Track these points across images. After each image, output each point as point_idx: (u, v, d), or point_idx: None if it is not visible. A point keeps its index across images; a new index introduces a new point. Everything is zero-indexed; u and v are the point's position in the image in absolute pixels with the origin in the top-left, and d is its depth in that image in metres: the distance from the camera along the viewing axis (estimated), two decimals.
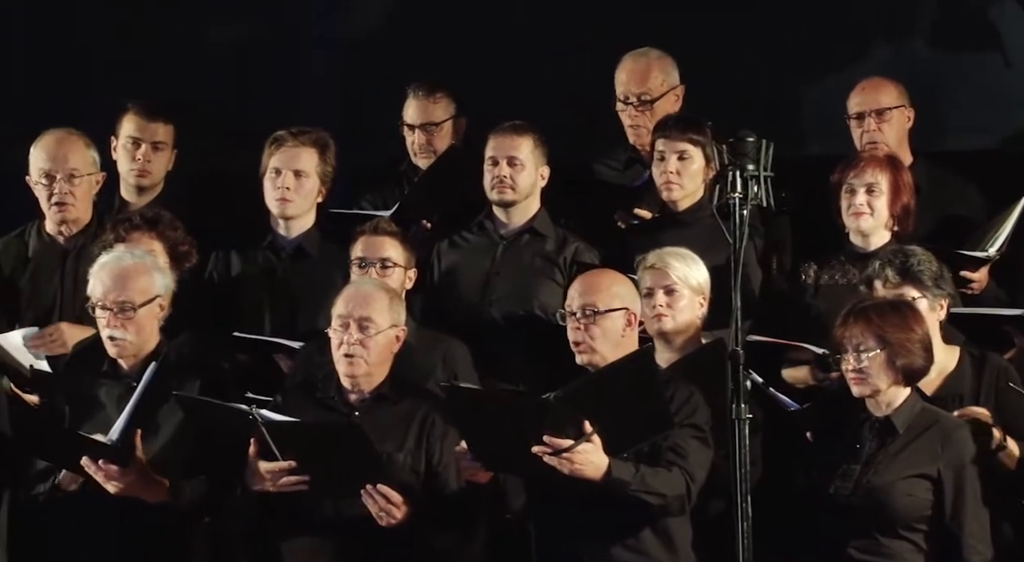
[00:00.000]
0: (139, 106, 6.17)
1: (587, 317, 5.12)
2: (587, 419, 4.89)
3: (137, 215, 5.71)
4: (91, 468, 5.07)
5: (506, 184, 5.92)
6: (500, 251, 5.96)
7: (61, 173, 5.84)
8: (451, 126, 6.38)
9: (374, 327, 5.18)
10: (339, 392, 5.24)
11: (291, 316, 5.84)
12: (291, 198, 5.86)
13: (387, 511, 5.02)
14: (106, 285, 5.26)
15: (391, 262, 5.60)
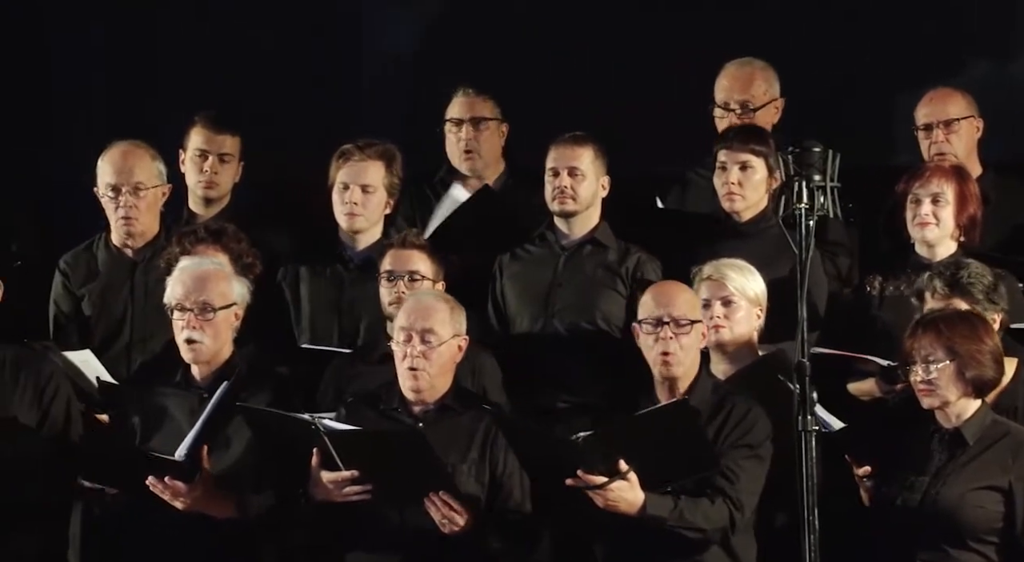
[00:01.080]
0: (206, 118, 6.16)
1: (680, 327, 5.10)
2: (622, 457, 4.87)
3: (202, 227, 5.72)
4: (157, 487, 5.06)
5: (567, 195, 5.87)
6: (562, 262, 5.90)
7: (127, 186, 5.83)
8: (496, 127, 6.32)
9: (436, 338, 5.14)
10: (403, 403, 5.20)
11: (358, 328, 5.81)
12: (359, 212, 5.84)
13: (450, 518, 4.98)
14: (187, 286, 5.24)
15: (419, 275, 5.56)
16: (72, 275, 5.98)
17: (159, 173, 5.94)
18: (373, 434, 5.10)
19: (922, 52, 6.81)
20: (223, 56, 7.11)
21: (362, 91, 7.16)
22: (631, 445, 4.89)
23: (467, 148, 6.31)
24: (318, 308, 5.87)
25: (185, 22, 7.20)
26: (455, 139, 6.34)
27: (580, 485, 4.88)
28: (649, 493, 4.92)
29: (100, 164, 5.91)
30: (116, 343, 5.86)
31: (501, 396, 5.52)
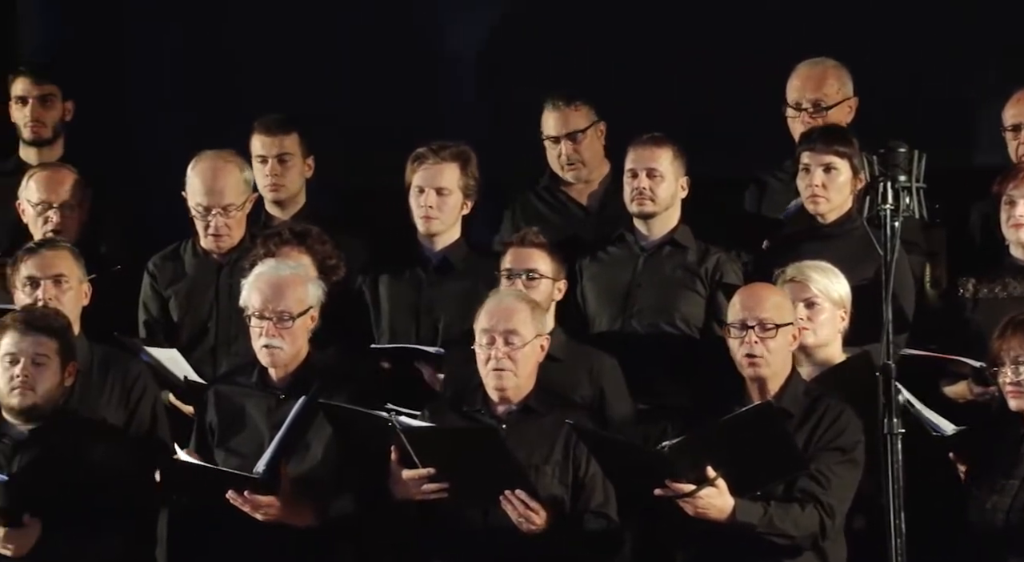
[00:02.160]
0: (260, 124, 6.15)
1: (766, 331, 5.03)
2: (709, 464, 4.81)
3: (286, 229, 5.70)
4: (237, 500, 5.06)
5: (646, 196, 5.81)
6: (641, 263, 5.85)
7: (217, 208, 5.84)
8: (595, 133, 6.28)
9: (519, 339, 5.11)
10: (486, 405, 5.17)
11: (437, 329, 5.78)
12: (435, 215, 5.81)
13: (527, 518, 4.94)
14: (264, 295, 5.24)
15: (538, 273, 5.52)
16: (160, 277, 5.99)
17: (247, 185, 5.94)
18: (447, 431, 5.06)
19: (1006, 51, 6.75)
20: (299, 59, 7.12)
21: (440, 93, 7.13)
22: (717, 451, 4.82)
23: (570, 162, 6.27)
24: (397, 310, 5.84)
25: (261, 24, 7.22)
26: (555, 153, 6.30)
27: (669, 495, 4.82)
28: (739, 499, 4.84)
29: (190, 177, 5.91)
30: (202, 344, 5.87)
31: (623, 398, 5.49)
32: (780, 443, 4.86)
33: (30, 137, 6.54)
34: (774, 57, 6.49)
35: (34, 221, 6.07)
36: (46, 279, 5.53)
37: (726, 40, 6.89)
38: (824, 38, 6.61)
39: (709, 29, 6.92)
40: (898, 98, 6.64)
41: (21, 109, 6.54)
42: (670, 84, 6.86)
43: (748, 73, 6.71)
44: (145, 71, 7.30)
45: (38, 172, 6.15)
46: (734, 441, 4.83)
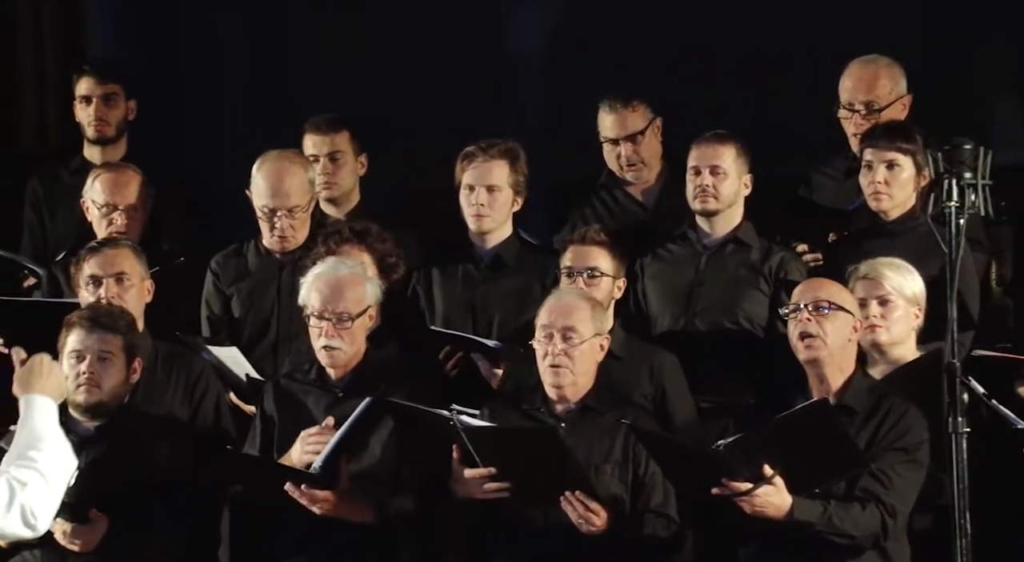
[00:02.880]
0: (311, 123, 6.15)
1: (819, 311, 4.98)
2: (766, 462, 4.77)
3: (347, 228, 5.70)
4: (295, 493, 5.06)
5: (708, 193, 5.77)
6: (704, 261, 5.81)
7: (282, 209, 5.85)
8: (653, 133, 6.23)
9: (578, 337, 5.09)
10: (545, 403, 5.14)
11: (491, 326, 5.77)
12: (486, 213, 5.80)
13: (586, 519, 4.92)
14: (324, 296, 5.25)
15: (599, 272, 5.50)
16: (223, 275, 6.00)
17: (311, 185, 5.94)
18: (508, 431, 5.05)
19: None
20: (358, 58, 7.14)
21: (495, 92, 7.13)
22: (774, 449, 4.78)
23: (630, 163, 6.24)
24: (452, 308, 5.83)
25: (322, 24, 7.23)
26: (614, 154, 6.26)
27: (726, 493, 4.78)
28: (797, 498, 4.80)
29: (255, 178, 5.91)
30: (263, 342, 5.87)
31: (685, 396, 5.45)
32: (838, 441, 4.80)
33: (94, 136, 6.56)
34: (827, 53, 6.43)
35: (98, 222, 6.09)
36: (108, 277, 5.55)
37: (779, 36, 6.85)
38: (878, 33, 6.54)
39: (764, 25, 6.88)
40: (958, 94, 6.58)
41: (85, 108, 6.57)
42: (725, 79, 6.82)
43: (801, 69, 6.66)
44: (207, 70, 7.32)
45: (103, 173, 6.17)
46: (790, 439, 4.78)
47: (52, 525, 4.97)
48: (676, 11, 6.95)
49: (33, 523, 3.51)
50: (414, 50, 7.13)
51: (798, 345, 5.02)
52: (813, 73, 6.42)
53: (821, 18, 6.78)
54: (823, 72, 6.29)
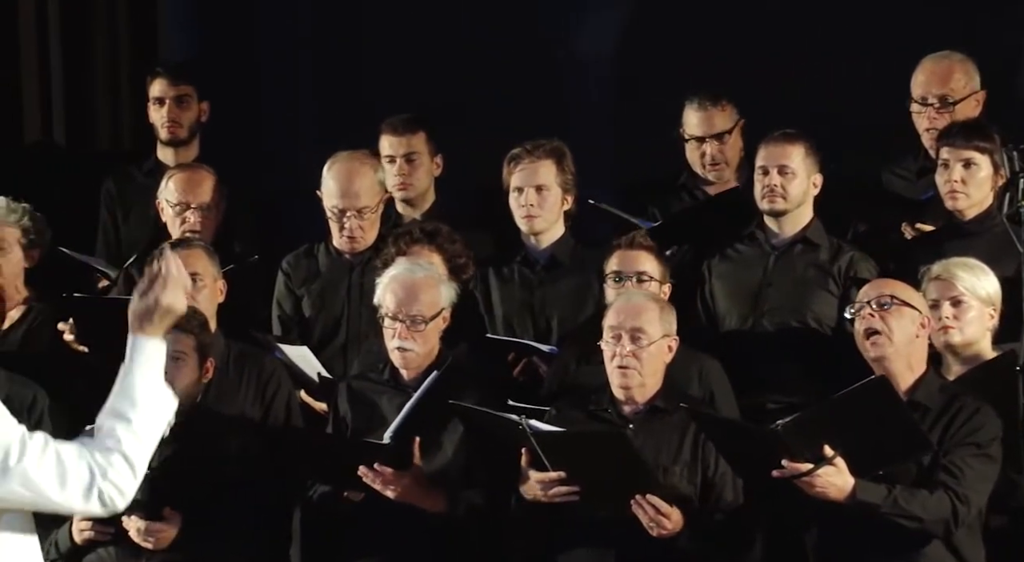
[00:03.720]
0: (387, 125, 6.15)
1: (882, 307, 4.93)
2: (826, 443, 4.71)
3: (417, 229, 5.71)
4: (368, 477, 5.07)
5: (777, 193, 5.72)
6: (772, 262, 5.76)
7: (352, 210, 5.86)
8: (738, 132, 6.19)
9: (646, 338, 5.07)
10: (613, 404, 5.12)
11: (551, 326, 5.77)
12: (536, 214, 5.79)
13: (657, 522, 4.90)
14: (398, 297, 5.26)
15: (647, 276, 5.47)
16: (294, 275, 6.02)
17: (381, 186, 5.95)
18: (577, 435, 5.02)
19: None
20: (429, 59, 7.13)
21: (566, 93, 7.11)
22: (834, 430, 4.70)
23: (714, 162, 6.20)
24: (511, 310, 5.82)
25: (392, 25, 7.24)
26: (698, 152, 6.23)
27: (787, 475, 4.73)
28: (860, 479, 4.72)
29: (325, 179, 5.93)
30: (333, 342, 5.88)
31: (731, 401, 5.40)
32: (899, 421, 4.71)
33: (167, 137, 6.59)
34: (898, 51, 6.37)
35: (172, 221, 6.12)
36: None
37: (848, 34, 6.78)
38: (950, 31, 6.45)
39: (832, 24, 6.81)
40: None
41: (158, 110, 6.59)
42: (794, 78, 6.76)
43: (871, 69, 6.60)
44: (278, 70, 7.35)
45: (177, 173, 6.20)
46: (849, 418, 4.71)
47: (127, 522, 5.06)
48: (744, 11, 6.90)
49: (112, 506, 3.51)
50: (485, 50, 7.12)
51: (864, 344, 4.97)
52: (884, 72, 6.36)
53: (891, 15, 6.71)
54: (894, 71, 6.23)
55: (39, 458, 3.45)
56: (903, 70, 6.17)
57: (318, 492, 5.30)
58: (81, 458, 3.48)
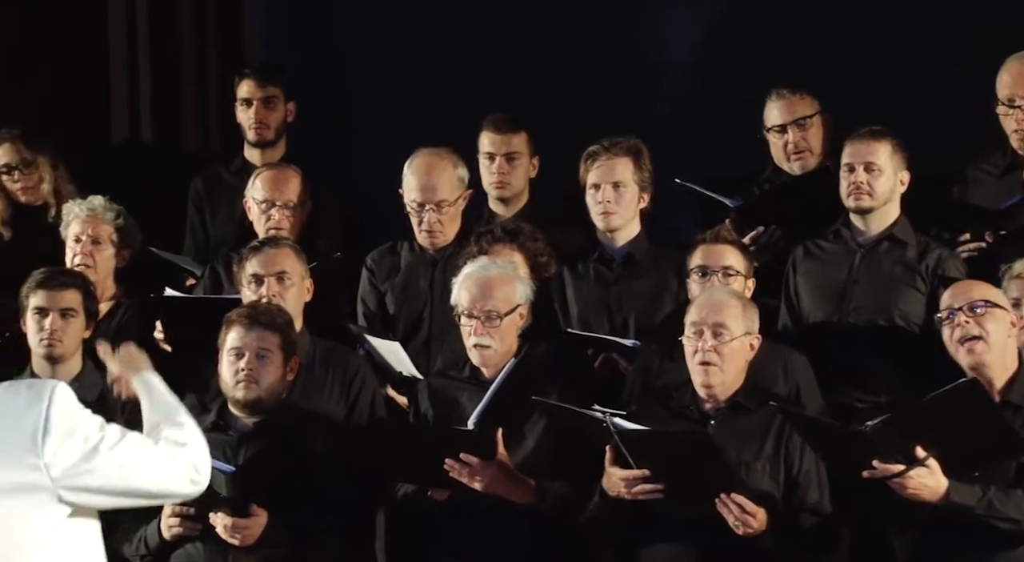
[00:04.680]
0: (490, 121, 6.14)
1: (974, 312, 4.86)
2: (918, 444, 4.65)
3: (499, 227, 5.71)
4: (454, 470, 5.06)
5: (863, 191, 5.65)
6: (858, 259, 5.69)
7: (430, 204, 5.87)
8: (820, 121, 6.13)
9: (729, 334, 5.01)
10: (694, 401, 5.08)
11: (628, 325, 5.73)
12: (613, 210, 5.76)
13: (743, 521, 4.86)
14: (473, 294, 5.27)
15: (733, 270, 5.42)
16: (377, 271, 6.04)
17: (460, 182, 5.95)
18: (661, 435, 4.98)
19: None
20: (513, 58, 7.13)
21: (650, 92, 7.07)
22: (926, 431, 4.64)
23: (796, 149, 6.14)
24: (587, 308, 5.79)
25: (476, 24, 7.24)
26: (780, 143, 6.17)
27: (878, 476, 4.67)
28: (953, 481, 4.66)
29: (406, 174, 5.94)
30: (416, 338, 5.89)
31: (816, 397, 5.34)
32: (992, 422, 4.64)
33: (254, 139, 6.62)
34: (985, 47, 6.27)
35: (258, 219, 6.16)
36: (269, 276, 5.59)
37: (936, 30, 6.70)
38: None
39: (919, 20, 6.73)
40: None
41: (246, 111, 6.62)
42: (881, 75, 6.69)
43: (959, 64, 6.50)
44: (363, 69, 7.36)
45: (264, 171, 6.24)
46: (941, 420, 4.64)
47: (214, 519, 5.09)
48: (831, 7, 6.83)
49: (197, 480, 3.60)
50: (568, 51, 7.10)
51: (959, 350, 4.89)
52: (971, 68, 6.26)
53: (978, 12, 6.62)
54: (981, 67, 6.13)
55: (125, 443, 3.52)
56: (991, 66, 6.08)
57: (402, 492, 5.30)
58: (157, 443, 3.58)
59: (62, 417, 3.45)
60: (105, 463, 3.48)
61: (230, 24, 7.50)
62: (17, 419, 3.44)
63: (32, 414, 3.43)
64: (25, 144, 6.59)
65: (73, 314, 5.58)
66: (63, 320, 5.57)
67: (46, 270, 5.66)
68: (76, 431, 3.47)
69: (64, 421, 3.45)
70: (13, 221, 6.59)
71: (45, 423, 3.43)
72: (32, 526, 3.44)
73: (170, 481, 3.56)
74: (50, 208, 6.58)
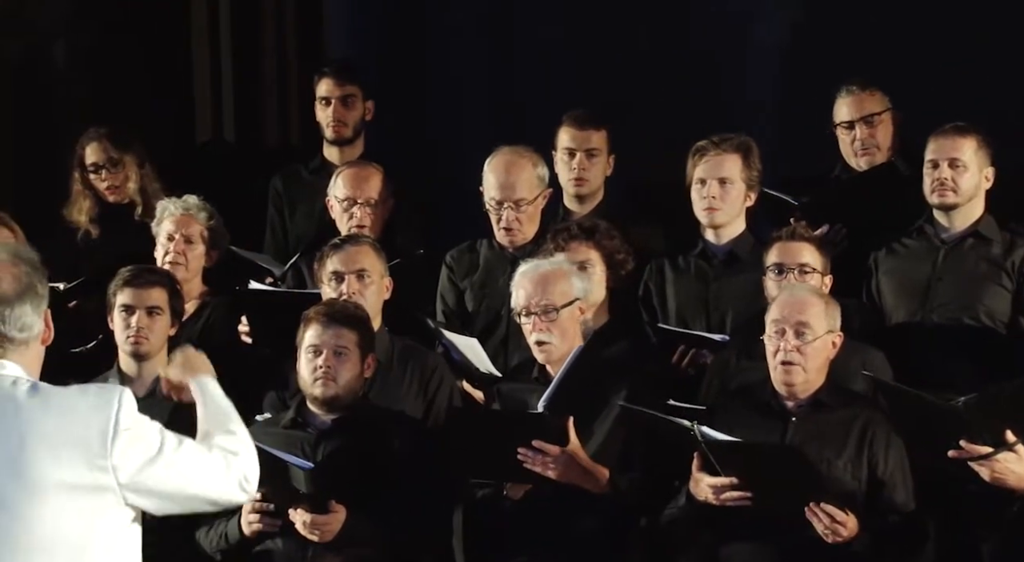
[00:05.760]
0: (570, 117, 6.08)
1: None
2: (1009, 428, 4.54)
3: (575, 225, 5.65)
4: (528, 457, 4.99)
5: (947, 187, 5.54)
6: (941, 256, 5.60)
7: (508, 202, 5.83)
8: (890, 118, 6.05)
9: (811, 333, 4.91)
10: (775, 398, 4.99)
11: (725, 323, 5.65)
12: (718, 207, 5.68)
13: (833, 530, 4.76)
14: (528, 291, 5.22)
15: (809, 267, 5.33)
16: (456, 269, 6.01)
17: (540, 181, 5.89)
18: (749, 446, 4.89)
19: None
20: (595, 55, 7.10)
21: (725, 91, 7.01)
22: (1017, 414, 4.52)
23: (864, 147, 6.04)
24: (684, 304, 5.72)
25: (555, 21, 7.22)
26: (848, 139, 6.08)
27: (964, 457, 4.55)
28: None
29: (486, 172, 5.91)
30: (493, 336, 5.84)
31: None
32: None
33: (332, 137, 6.59)
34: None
35: (340, 217, 6.13)
36: (350, 274, 5.57)
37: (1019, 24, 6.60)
38: None
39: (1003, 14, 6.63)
40: None
41: (324, 109, 6.59)
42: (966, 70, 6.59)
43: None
44: (443, 69, 7.35)
45: (346, 169, 6.21)
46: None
47: (293, 515, 5.11)
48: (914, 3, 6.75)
49: (247, 488, 3.65)
50: (644, 49, 7.05)
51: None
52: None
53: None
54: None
55: (183, 450, 3.57)
56: None
57: (479, 494, 5.26)
58: (211, 448, 3.63)
59: (129, 422, 3.51)
60: (166, 468, 3.53)
61: (311, 23, 7.52)
62: (87, 421, 3.49)
63: (101, 417, 3.49)
64: (112, 143, 6.63)
65: (159, 312, 5.60)
66: (149, 318, 5.59)
67: (133, 268, 5.69)
68: (141, 436, 3.53)
69: (131, 426, 3.52)
70: (101, 219, 6.64)
71: (114, 426, 3.49)
72: (98, 525, 3.49)
73: (223, 488, 3.61)
74: (137, 206, 6.61)
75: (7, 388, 3.50)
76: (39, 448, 3.45)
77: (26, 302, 3.54)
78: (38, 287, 3.57)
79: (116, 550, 3.51)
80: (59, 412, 3.48)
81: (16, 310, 3.53)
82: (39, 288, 3.57)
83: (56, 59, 7.39)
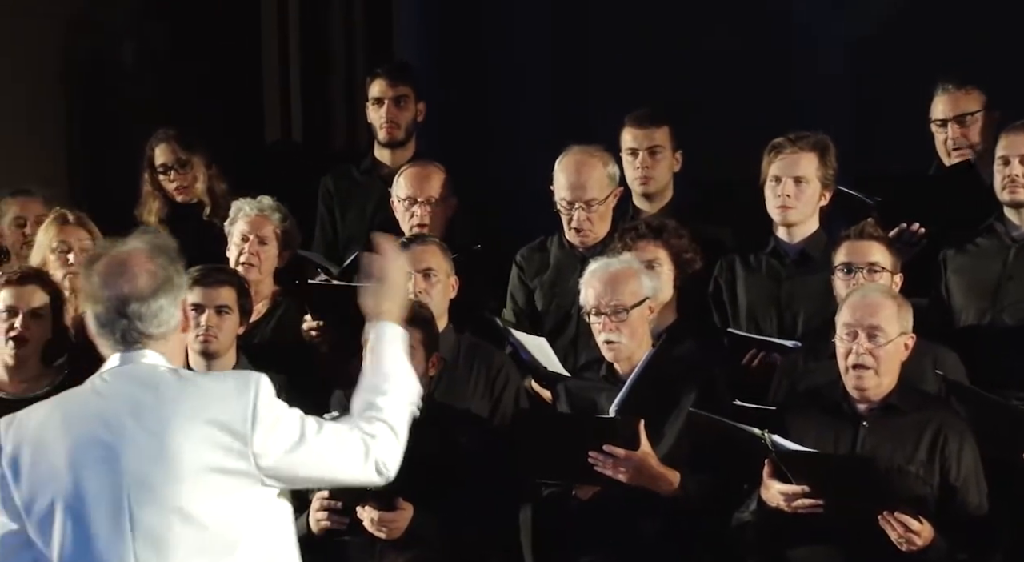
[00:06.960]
0: (632, 117, 6.02)
1: None
2: None
3: (643, 224, 5.59)
4: (599, 462, 4.95)
5: (1018, 183, 5.43)
6: (1012, 255, 5.48)
7: (580, 203, 5.78)
8: (984, 118, 5.92)
9: (884, 336, 4.81)
10: (845, 400, 4.89)
11: (797, 323, 5.58)
12: (792, 205, 5.59)
13: (907, 538, 4.68)
14: (598, 291, 5.17)
15: (879, 266, 5.23)
16: (527, 268, 5.96)
17: (610, 180, 5.83)
18: (821, 457, 4.81)
19: None
20: (660, 54, 7.07)
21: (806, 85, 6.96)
22: None
23: (956, 146, 5.92)
24: (756, 303, 5.63)
25: (621, 18, 7.20)
26: (942, 137, 5.95)
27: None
28: None
29: (556, 171, 5.85)
30: (563, 336, 5.78)
31: None
32: None
33: (384, 138, 6.53)
34: None
35: (403, 216, 6.10)
36: (416, 273, 5.52)
37: None
38: None
39: None
40: None
41: (377, 110, 6.54)
42: None
43: None
44: (509, 69, 7.32)
45: (407, 169, 6.17)
46: None
47: (361, 512, 5.12)
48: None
49: (385, 472, 3.65)
50: (712, 46, 7.00)
51: None
52: None
53: None
54: None
55: (324, 434, 3.56)
56: None
57: (547, 493, 5.22)
58: (351, 430, 3.59)
59: (269, 408, 3.50)
60: (306, 455, 3.52)
61: (379, 25, 7.54)
62: (226, 407, 3.49)
63: (241, 403, 3.49)
64: (180, 144, 6.66)
65: (228, 311, 5.60)
66: (218, 317, 5.58)
67: (202, 267, 5.69)
68: (281, 422, 3.52)
69: (271, 412, 3.51)
70: (170, 220, 6.67)
71: (254, 413, 3.48)
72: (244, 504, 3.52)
73: (361, 473, 3.61)
74: (205, 207, 6.64)
75: (149, 375, 3.52)
76: (179, 433, 3.47)
77: (162, 296, 3.54)
78: (175, 278, 3.57)
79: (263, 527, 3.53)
80: (199, 398, 3.49)
81: (153, 305, 3.53)
82: (176, 279, 3.57)
83: (124, 60, 7.45)
